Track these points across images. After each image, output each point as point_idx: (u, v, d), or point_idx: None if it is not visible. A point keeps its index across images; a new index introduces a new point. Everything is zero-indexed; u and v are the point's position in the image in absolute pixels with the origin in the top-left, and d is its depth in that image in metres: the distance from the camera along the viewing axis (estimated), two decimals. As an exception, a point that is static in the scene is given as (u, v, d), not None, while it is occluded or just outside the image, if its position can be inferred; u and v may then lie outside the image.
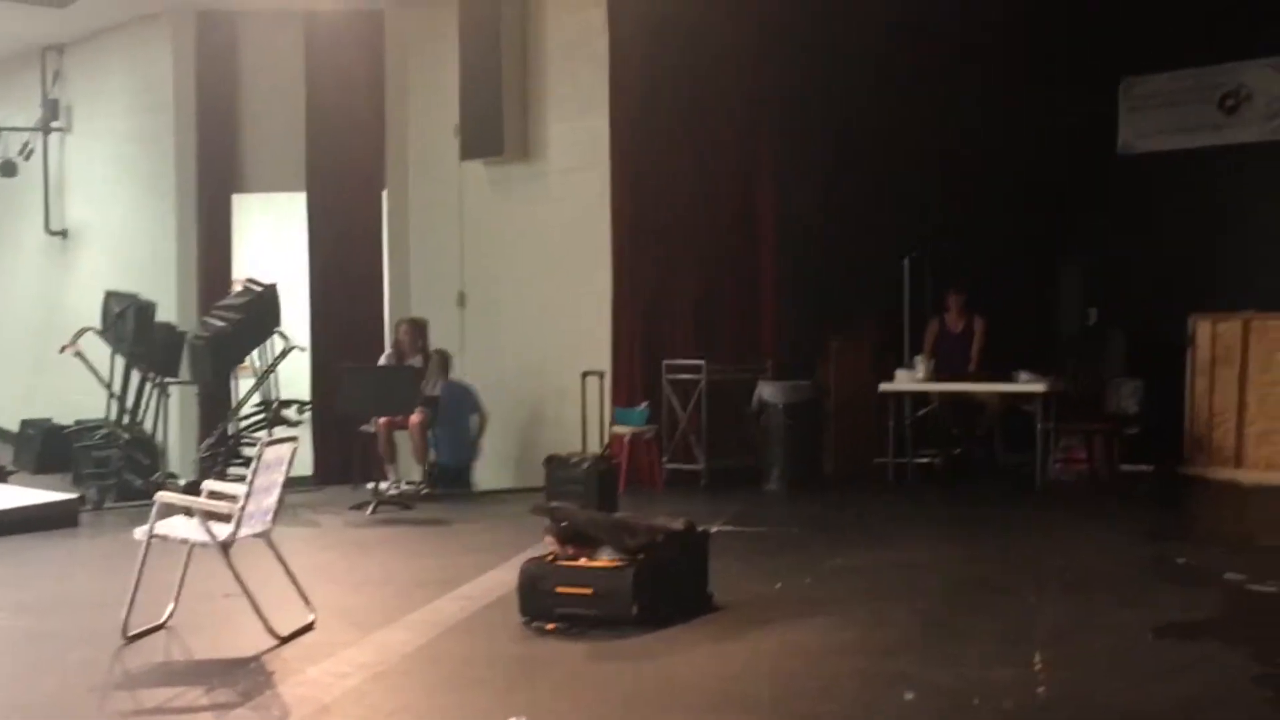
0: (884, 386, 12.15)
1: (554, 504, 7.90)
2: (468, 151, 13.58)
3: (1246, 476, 11.76)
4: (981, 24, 12.53)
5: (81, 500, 11.46)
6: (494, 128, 13.27)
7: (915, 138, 12.76)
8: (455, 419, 12.68)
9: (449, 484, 12.48)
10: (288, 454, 6.86)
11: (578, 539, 6.95)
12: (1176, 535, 9.58)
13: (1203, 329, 12.21)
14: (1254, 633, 6.47)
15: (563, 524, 7.00)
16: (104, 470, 12.39)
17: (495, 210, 13.73)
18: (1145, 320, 12.61)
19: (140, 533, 6.64)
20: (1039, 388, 11.51)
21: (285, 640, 6.48)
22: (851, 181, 12.66)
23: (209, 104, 15.01)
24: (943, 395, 12.31)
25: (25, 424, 15.27)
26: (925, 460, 12.68)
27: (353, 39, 14.44)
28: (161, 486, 10.94)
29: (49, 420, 14.96)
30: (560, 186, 13.20)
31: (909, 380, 12.11)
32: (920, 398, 12.36)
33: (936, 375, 12.10)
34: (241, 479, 6.79)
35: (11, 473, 13.30)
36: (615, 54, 12.64)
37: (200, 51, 14.97)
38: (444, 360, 12.74)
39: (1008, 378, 11.75)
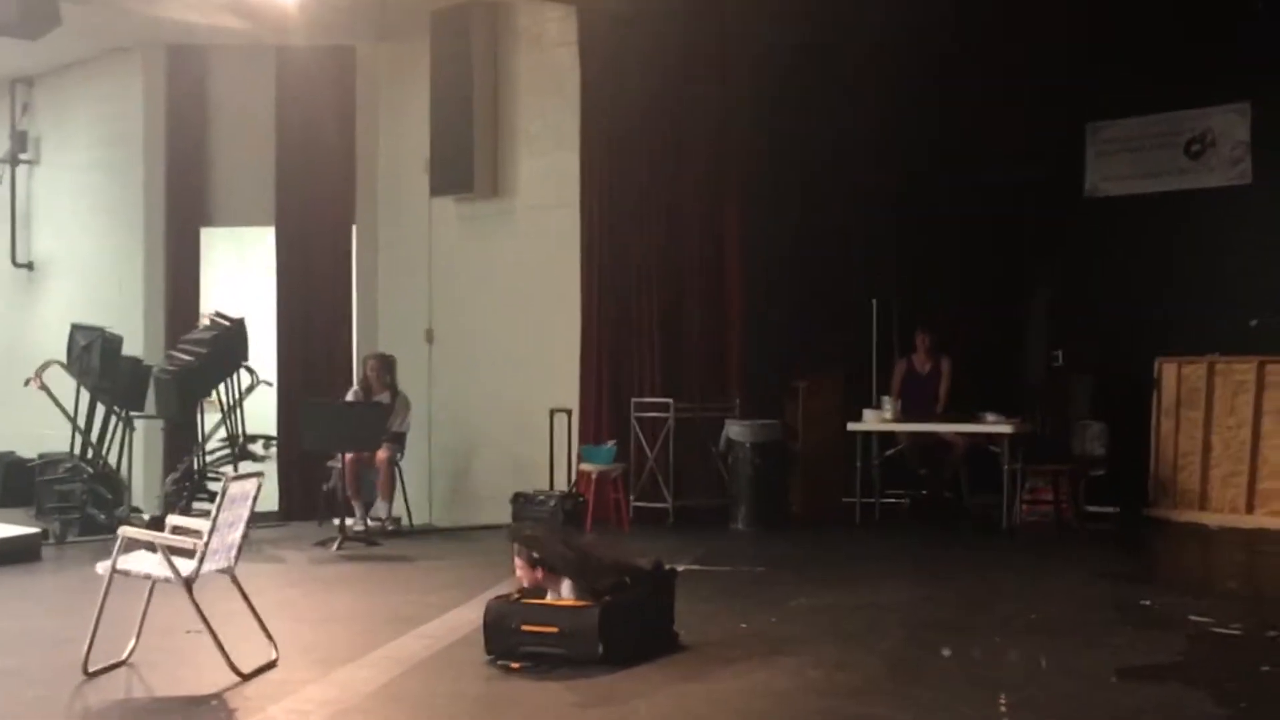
0: (851, 426, 12.16)
1: (528, 531, 7.76)
2: (437, 188, 13.60)
3: (1211, 519, 11.81)
4: (950, 68, 12.64)
5: (44, 535, 11.36)
6: (464, 164, 13.31)
7: (884, 179, 12.84)
8: None
9: None
10: (253, 489, 6.83)
11: (546, 567, 6.93)
12: (1141, 577, 9.59)
13: (1168, 371, 12.29)
14: (1217, 675, 6.48)
15: (534, 555, 6.96)
16: (67, 504, 12.31)
17: (464, 247, 13.73)
18: (1111, 362, 12.65)
19: (102, 568, 6.59)
20: (1006, 429, 11.55)
21: (247, 678, 6.43)
22: (820, 222, 12.72)
23: (178, 137, 14.99)
24: (910, 436, 12.34)
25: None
26: (892, 501, 12.69)
27: (324, 74, 14.46)
28: (125, 521, 10.88)
29: (12, 453, 14.85)
30: (530, 224, 13.23)
31: (876, 420, 12.13)
32: (887, 438, 12.38)
33: (904, 416, 12.13)
34: (207, 514, 6.75)
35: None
36: (586, 92, 12.71)
37: (170, 85, 14.95)
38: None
39: (974, 419, 11.78)
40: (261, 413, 13.59)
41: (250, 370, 12.66)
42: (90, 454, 12.67)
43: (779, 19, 12.14)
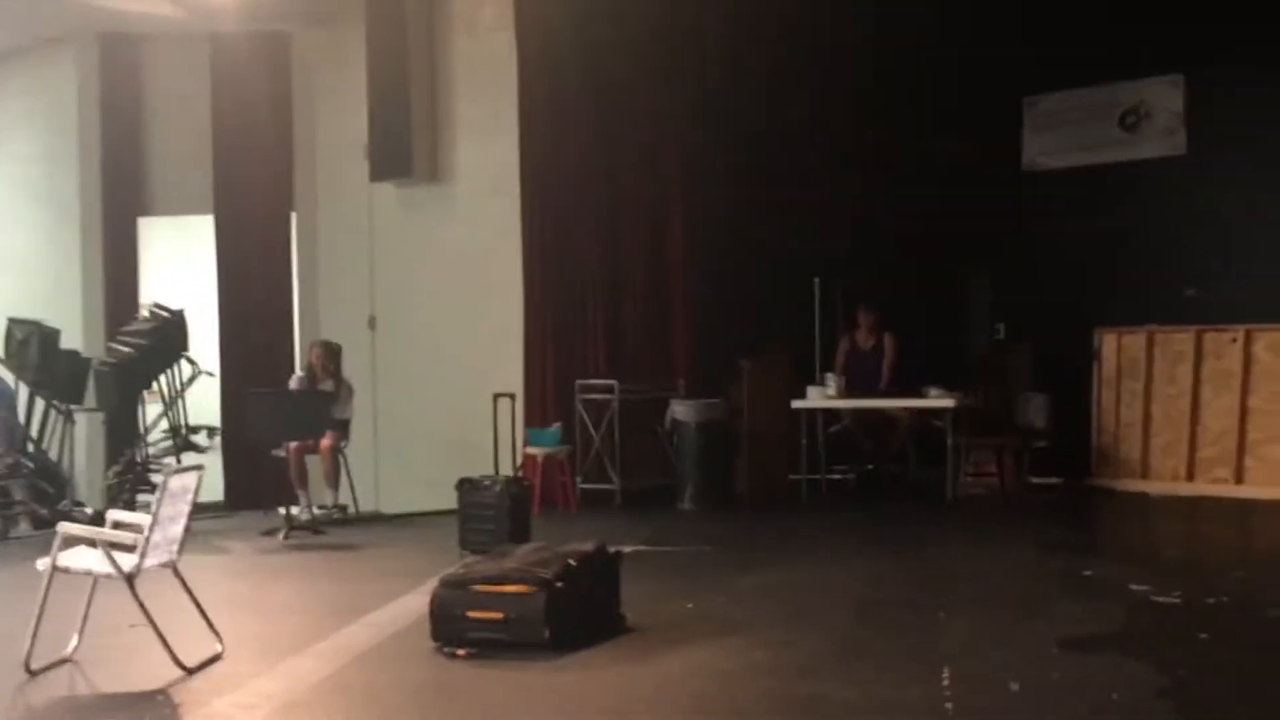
0: (796, 404, 12.22)
1: (460, 571, 7.20)
2: (377, 173, 13.50)
3: (1153, 488, 11.96)
4: (886, 44, 12.69)
5: (-14, 531, 11.27)
6: (403, 149, 13.23)
7: (823, 158, 12.89)
8: None
9: None
10: (193, 483, 6.78)
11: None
12: (1083, 548, 9.69)
13: (1108, 342, 12.42)
14: (1158, 643, 6.56)
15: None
16: (7, 500, 12.19)
17: (405, 233, 13.67)
18: (1052, 334, 12.77)
19: (42, 564, 6.53)
20: (948, 403, 11.64)
21: (192, 672, 6.39)
22: (761, 202, 12.77)
23: (114, 127, 14.81)
24: (854, 412, 12.40)
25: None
26: (838, 477, 12.76)
27: (259, 61, 14.33)
28: (68, 516, 10.79)
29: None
30: (470, 208, 13.18)
31: (821, 397, 12.19)
32: (832, 415, 12.44)
33: (848, 392, 12.19)
34: (149, 507, 6.69)
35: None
36: (523, 77, 12.66)
37: (104, 74, 14.76)
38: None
39: (918, 394, 11.86)
40: (205, 403, 13.49)
41: (191, 361, 12.57)
42: (30, 449, 12.55)
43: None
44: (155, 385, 12.63)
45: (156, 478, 11.42)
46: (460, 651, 6.61)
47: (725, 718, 5.52)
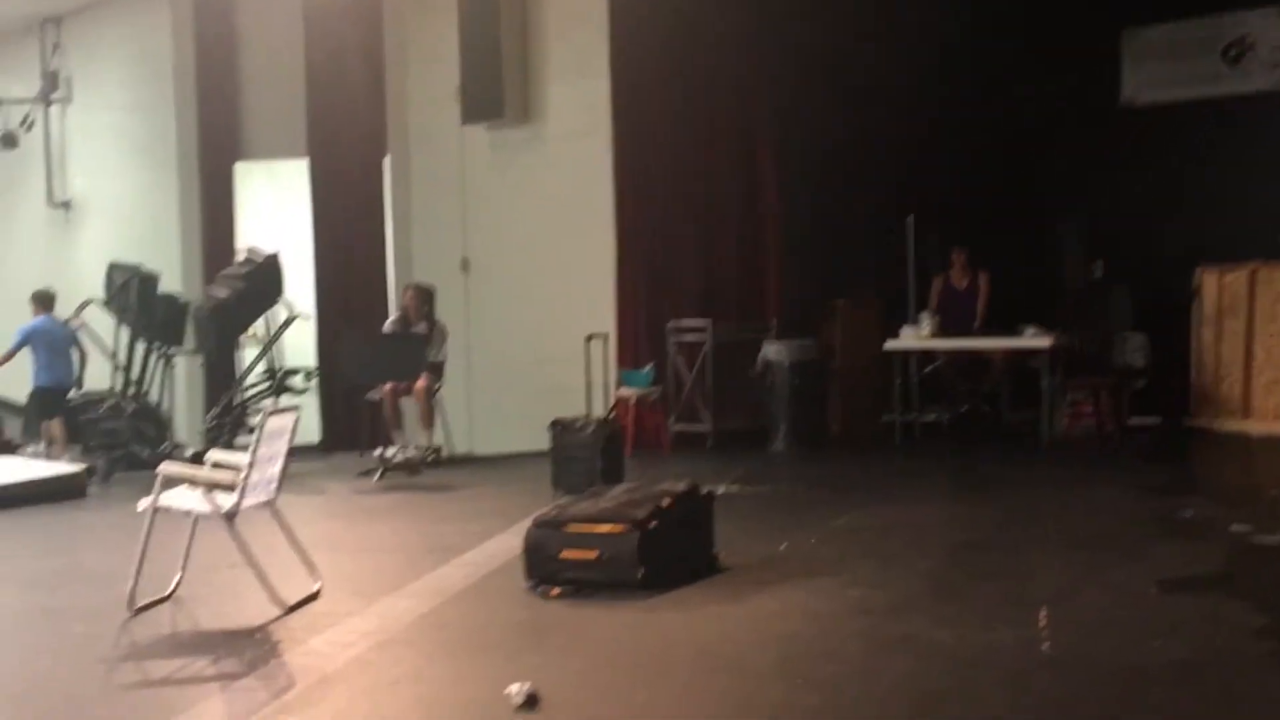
0: (889, 345, 12.13)
1: (553, 511, 7.17)
2: (468, 115, 13.51)
3: (1254, 427, 11.74)
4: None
5: (90, 472, 11.48)
6: (494, 91, 13.22)
7: (917, 95, 12.71)
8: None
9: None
10: (290, 423, 6.85)
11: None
12: (1182, 489, 9.53)
13: (1209, 280, 12.18)
14: (1258, 585, 6.47)
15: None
16: (112, 442, 12.41)
17: (497, 175, 13.69)
18: (1150, 273, 12.56)
19: (143, 505, 6.64)
20: (1045, 343, 11.48)
21: (290, 610, 6.49)
22: (854, 140, 12.60)
23: (209, 72, 14.97)
24: (948, 353, 12.28)
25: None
26: (931, 418, 12.65)
27: (350, 4, 14.35)
28: (168, 457, 10.97)
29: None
30: (562, 149, 13.17)
31: (914, 338, 12.09)
32: (926, 355, 12.33)
33: (942, 332, 12.07)
34: (247, 448, 6.77)
35: (20, 445, 13.33)
36: (615, 15, 12.60)
37: (199, 19, 14.91)
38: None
39: (1013, 334, 11.71)
40: (300, 346, 13.64)
41: (287, 304, 12.69)
42: (132, 391, 12.76)
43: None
44: (252, 328, 12.79)
45: (254, 420, 11.58)
46: (554, 591, 6.65)
47: (817, 659, 5.50)
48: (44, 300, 13.21)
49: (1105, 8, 12.83)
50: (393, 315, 13.04)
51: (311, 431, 13.34)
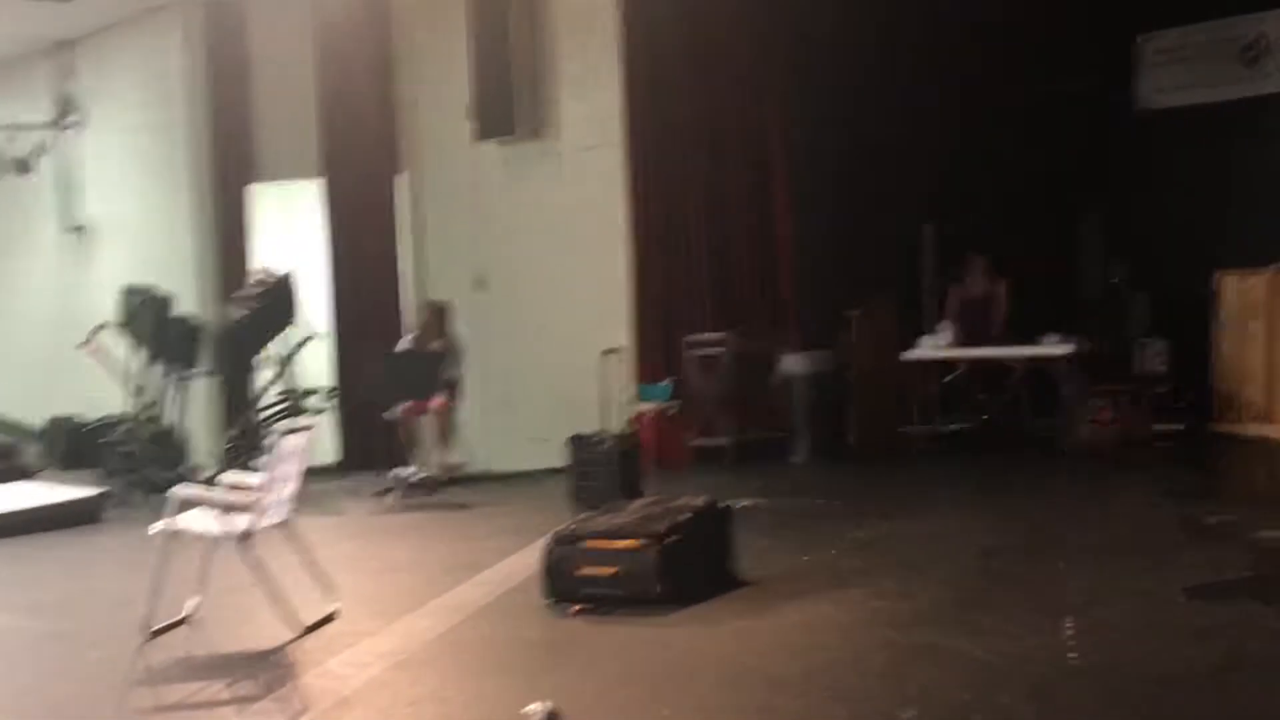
0: (907, 355, 12.04)
1: (571, 527, 7.15)
2: (480, 132, 13.49)
3: (1278, 432, 11.62)
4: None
5: (108, 496, 11.45)
6: (505, 108, 13.19)
7: (931, 102, 12.63)
8: None
9: None
10: (305, 443, 6.81)
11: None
12: (1207, 494, 9.44)
13: (1228, 284, 12.07)
14: (1289, 591, 6.38)
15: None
16: (129, 466, 12.38)
17: (510, 190, 13.65)
18: (1169, 278, 12.45)
19: (158, 528, 6.59)
20: (1065, 350, 11.38)
21: (307, 631, 6.44)
22: (868, 149, 12.53)
23: (221, 93, 14.94)
24: (968, 362, 12.19)
25: (51, 422, 15.30)
26: (954, 428, 12.56)
27: (360, 22, 14.32)
28: (185, 479, 10.93)
29: (72, 418, 14.99)
30: (574, 164, 13.13)
31: (932, 348, 12.01)
32: (945, 365, 12.25)
33: (960, 342, 11.98)
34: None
35: (38, 471, 13.32)
36: (625, 29, 12.57)
37: (209, 41, 14.90)
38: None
39: (1033, 341, 11.62)
40: (317, 365, 13.60)
41: (302, 324, 12.65)
42: (148, 415, 12.73)
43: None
44: (267, 349, 12.74)
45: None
46: (574, 608, 6.59)
47: (843, 669, 5.43)
48: None
49: (1118, 12, 12.73)
50: (407, 333, 12.99)
51: (329, 451, 13.29)
